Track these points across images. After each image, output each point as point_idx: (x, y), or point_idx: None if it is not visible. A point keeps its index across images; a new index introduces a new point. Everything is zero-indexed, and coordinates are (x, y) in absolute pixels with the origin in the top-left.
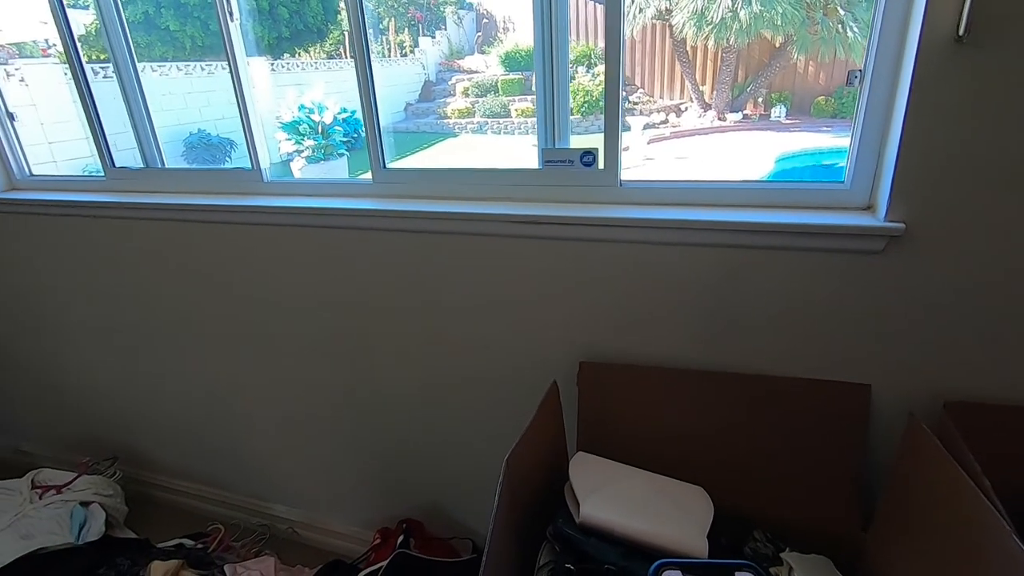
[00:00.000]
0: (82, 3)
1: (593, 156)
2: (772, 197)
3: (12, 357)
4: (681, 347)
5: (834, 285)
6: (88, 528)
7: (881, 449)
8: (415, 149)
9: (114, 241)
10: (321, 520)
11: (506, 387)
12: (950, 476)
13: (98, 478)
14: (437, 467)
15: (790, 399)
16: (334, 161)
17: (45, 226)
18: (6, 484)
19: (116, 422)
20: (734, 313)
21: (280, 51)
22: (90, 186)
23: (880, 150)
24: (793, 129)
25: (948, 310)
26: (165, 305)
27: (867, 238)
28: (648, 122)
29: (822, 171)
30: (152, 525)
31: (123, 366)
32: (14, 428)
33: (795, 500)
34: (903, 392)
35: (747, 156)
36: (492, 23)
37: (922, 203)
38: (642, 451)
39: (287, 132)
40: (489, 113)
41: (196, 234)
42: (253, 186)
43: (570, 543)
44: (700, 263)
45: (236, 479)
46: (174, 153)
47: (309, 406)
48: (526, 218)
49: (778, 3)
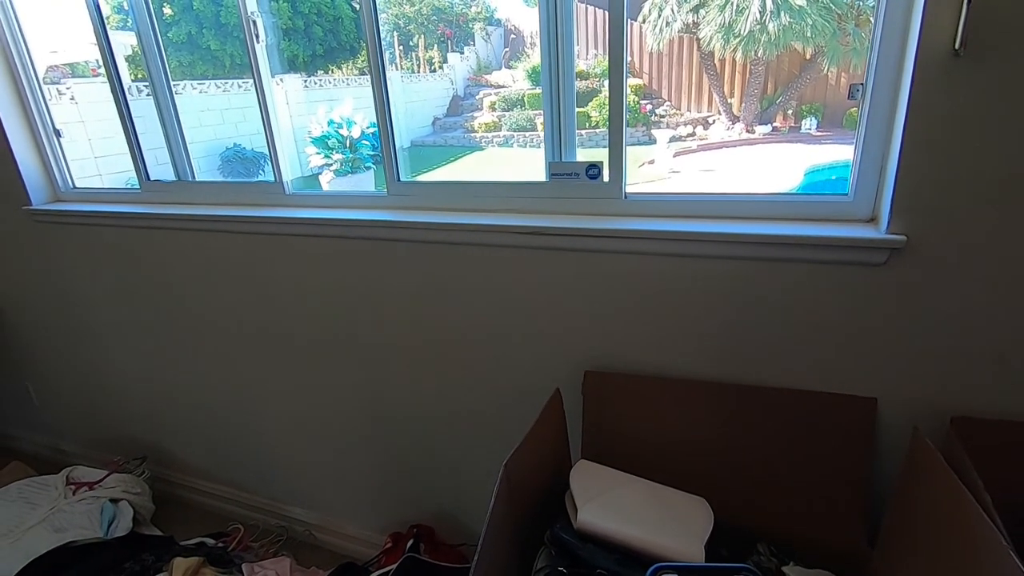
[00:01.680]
0: (129, 26)
1: (598, 169)
2: (777, 209)
3: (54, 360)
4: (686, 357)
5: (838, 297)
6: (117, 524)
7: (888, 463)
8: (442, 162)
9: (147, 249)
10: (336, 523)
11: (515, 395)
12: (952, 491)
13: (128, 476)
14: (448, 474)
15: (796, 411)
16: (361, 174)
17: (85, 235)
18: (44, 480)
19: (146, 423)
20: (739, 324)
21: (314, 68)
22: (126, 198)
23: (882, 163)
24: (824, 141)
25: (952, 323)
26: (193, 311)
27: (869, 250)
28: (675, 135)
29: (846, 184)
30: (176, 523)
31: (154, 370)
32: (54, 427)
33: (800, 513)
34: (909, 406)
35: (776, 169)
36: (520, 39)
37: (923, 216)
38: (645, 460)
39: (317, 146)
40: (515, 127)
41: (222, 243)
42: (276, 198)
43: (566, 548)
44: (704, 274)
45: (257, 482)
46: (211, 167)
47: (326, 413)
48: (533, 229)
49: (808, 15)
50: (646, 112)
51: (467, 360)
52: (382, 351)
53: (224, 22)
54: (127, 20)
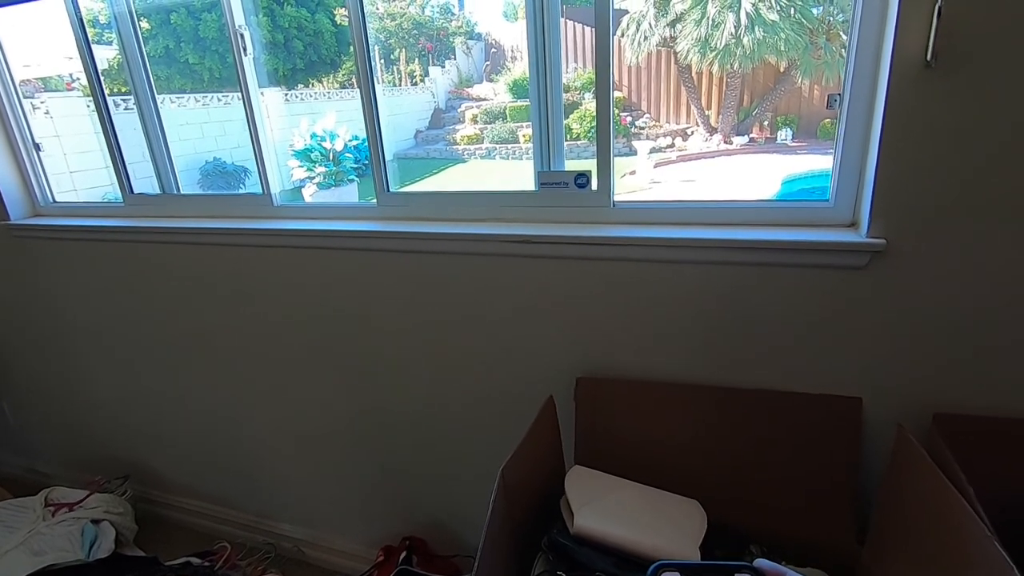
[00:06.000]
0: (106, 39)
1: (587, 178)
2: (761, 216)
3: (29, 378)
4: (675, 362)
5: (822, 300)
6: (99, 545)
7: (875, 461)
8: (425, 175)
9: (131, 264)
10: (326, 539)
11: (506, 403)
12: (937, 486)
13: (109, 496)
14: (440, 485)
15: (783, 412)
16: (344, 187)
17: (65, 251)
18: (21, 502)
19: (128, 441)
20: (726, 328)
21: (295, 82)
22: (109, 212)
23: (860, 170)
24: (800, 151)
25: (932, 323)
26: (178, 326)
27: (850, 254)
28: (654, 146)
29: (826, 192)
30: (160, 543)
31: (136, 387)
32: (30, 447)
33: (790, 513)
34: (894, 404)
35: (754, 178)
36: (500, 52)
37: (900, 220)
38: (638, 465)
39: (299, 159)
40: (497, 139)
41: (209, 256)
42: (264, 210)
43: (564, 552)
44: (690, 280)
45: (243, 498)
46: (190, 181)
47: (314, 426)
48: (523, 238)
49: (781, 29)
50: (626, 124)
51: (459, 369)
52: (372, 362)
53: (203, 36)
54: (103, 34)
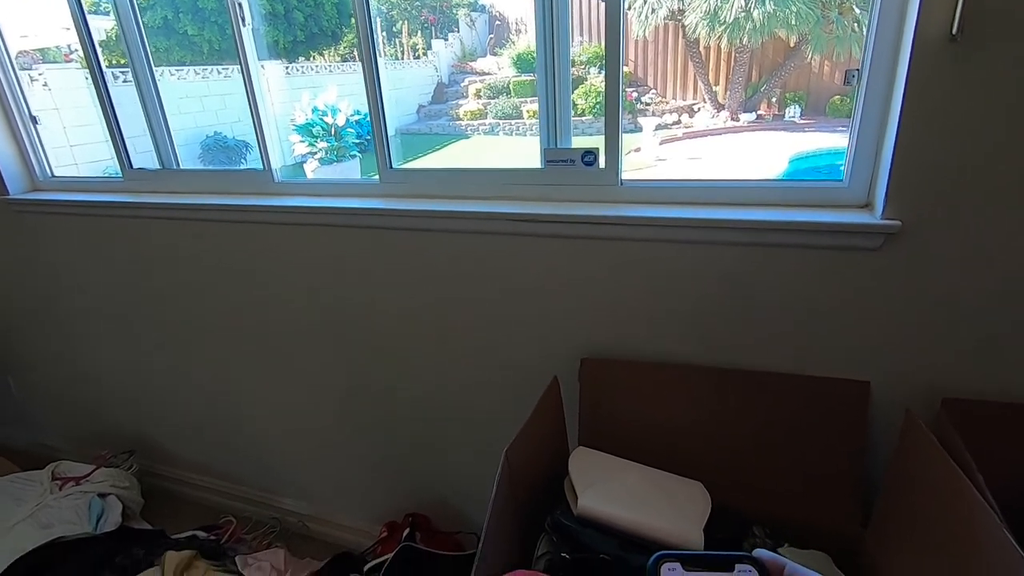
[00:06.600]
0: (103, 9)
1: (594, 156)
2: (772, 196)
3: (35, 352)
4: (681, 343)
5: (833, 282)
6: (105, 519)
7: (882, 445)
8: (427, 151)
9: (131, 240)
10: (330, 514)
11: (510, 383)
12: (945, 472)
13: (115, 471)
14: (444, 463)
15: (790, 395)
16: (347, 163)
17: (65, 226)
18: (28, 475)
19: (132, 416)
20: (734, 310)
21: (295, 54)
22: (109, 187)
23: (877, 148)
24: (808, 129)
25: (944, 307)
26: (180, 302)
27: (864, 235)
28: (660, 123)
29: (836, 171)
30: (167, 517)
31: (139, 362)
32: (36, 422)
33: (795, 496)
34: (902, 388)
35: (761, 156)
36: (504, 25)
37: (917, 201)
38: (642, 446)
39: (300, 134)
40: (501, 114)
41: (209, 233)
42: (265, 186)
43: (567, 534)
44: (699, 260)
45: (249, 473)
46: (191, 155)
47: (319, 403)
48: (528, 216)
49: (792, 2)
50: (632, 100)
51: (462, 349)
52: (375, 339)
53: (202, 7)
54: (99, 3)
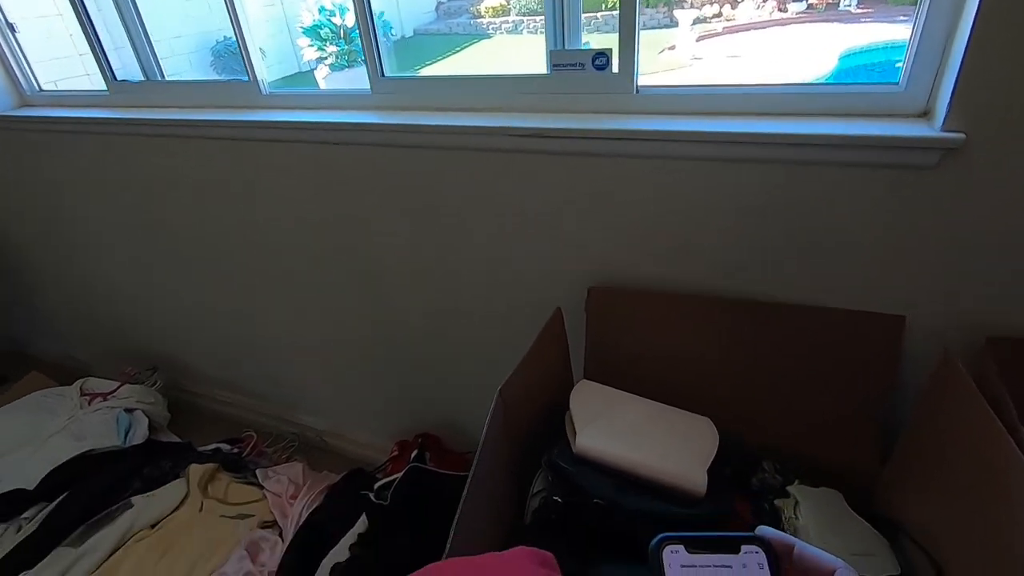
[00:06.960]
0: None
1: (606, 58)
2: (813, 103)
3: (53, 272)
4: (701, 273)
5: (876, 204)
6: (133, 432)
7: (913, 385)
8: (446, 53)
9: (118, 157)
10: (347, 430)
11: (516, 309)
12: (979, 415)
13: (140, 387)
14: (451, 386)
15: (817, 331)
16: (359, 68)
17: (59, 143)
18: (60, 390)
19: (152, 335)
20: (759, 236)
21: None
22: (95, 101)
23: (945, 42)
24: (864, 19)
25: (1002, 236)
26: (181, 222)
27: (919, 151)
28: (699, 16)
29: (891, 71)
30: (194, 430)
31: (148, 283)
32: (65, 336)
33: (814, 436)
34: (942, 325)
35: (808, 53)
36: None
37: (989, 110)
38: (651, 380)
39: (309, 37)
40: (525, 10)
41: (196, 149)
42: (251, 99)
43: (563, 475)
44: (724, 180)
45: (269, 390)
46: (203, 63)
47: (326, 326)
48: (530, 131)
49: None
50: None
51: (463, 275)
52: (376, 264)
53: None
54: None
